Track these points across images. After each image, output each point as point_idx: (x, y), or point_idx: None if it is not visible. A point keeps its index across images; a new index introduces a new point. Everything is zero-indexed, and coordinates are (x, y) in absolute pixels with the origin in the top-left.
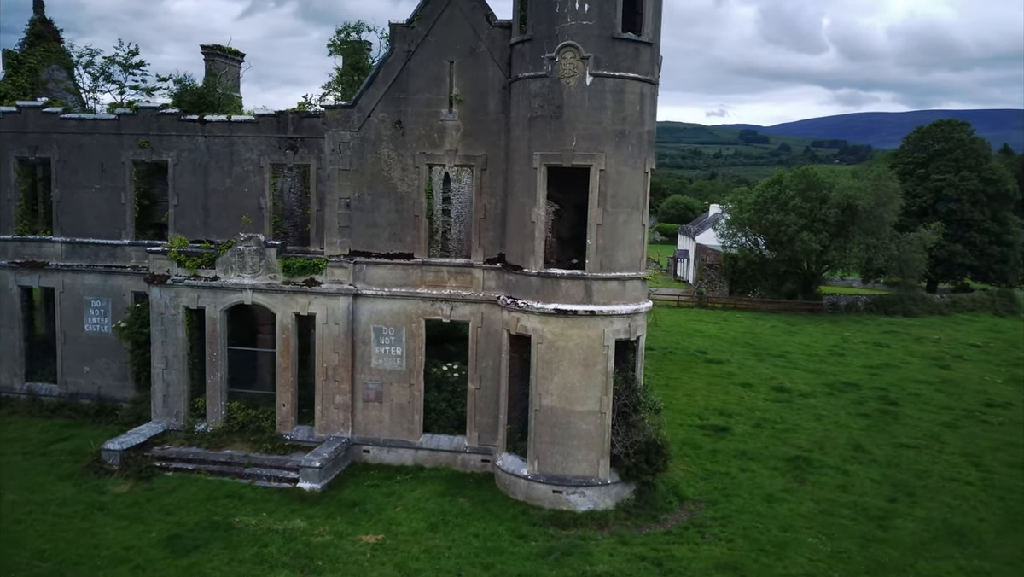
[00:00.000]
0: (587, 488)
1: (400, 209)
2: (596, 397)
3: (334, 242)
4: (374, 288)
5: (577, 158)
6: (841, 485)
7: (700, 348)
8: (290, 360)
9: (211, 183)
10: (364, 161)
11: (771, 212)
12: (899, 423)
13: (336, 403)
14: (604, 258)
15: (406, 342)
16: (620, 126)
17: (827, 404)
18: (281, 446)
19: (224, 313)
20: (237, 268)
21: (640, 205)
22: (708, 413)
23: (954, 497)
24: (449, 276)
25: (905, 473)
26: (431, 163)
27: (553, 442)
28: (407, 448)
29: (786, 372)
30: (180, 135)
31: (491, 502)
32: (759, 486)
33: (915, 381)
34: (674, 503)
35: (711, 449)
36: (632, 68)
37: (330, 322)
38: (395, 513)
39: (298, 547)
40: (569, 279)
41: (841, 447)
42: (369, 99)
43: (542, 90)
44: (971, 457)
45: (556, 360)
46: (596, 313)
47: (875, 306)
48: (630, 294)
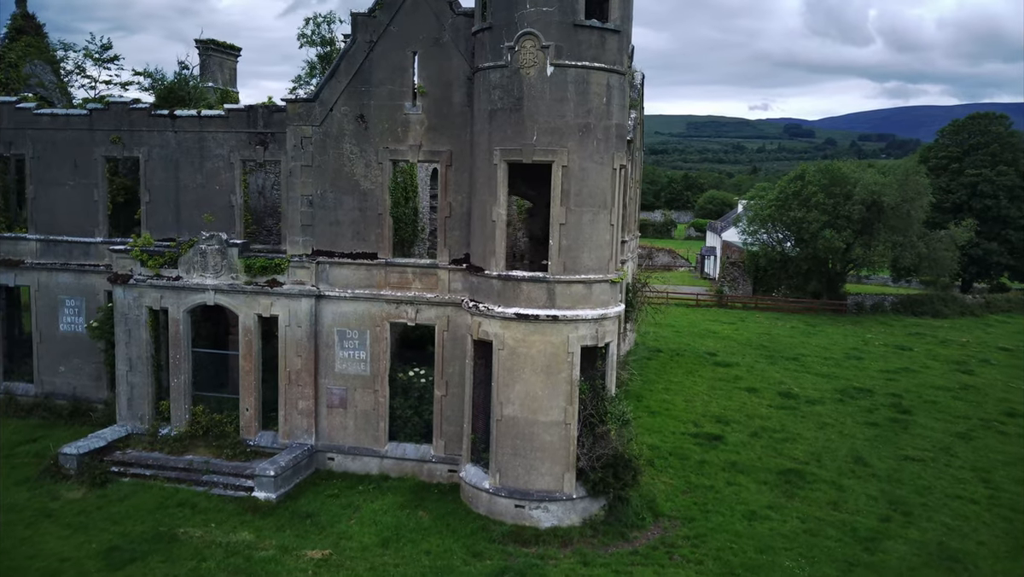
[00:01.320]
0: (551, 503)
1: (363, 207)
2: (560, 407)
3: (296, 241)
4: (337, 289)
5: (538, 153)
6: (833, 501)
7: (710, 350)
8: (253, 363)
9: (182, 179)
10: (326, 157)
11: (793, 208)
12: (908, 433)
13: (299, 408)
14: (568, 260)
15: (370, 346)
16: (584, 119)
17: (834, 412)
18: (243, 452)
19: (187, 314)
20: (199, 268)
21: (608, 203)
22: (704, 420)
23: (954, 517)
24: (414, 277)
25: (905, 489)
26: (394, 159)
27: (515, 454)
28: (372, 456)
29: (796, 376)
30: (151, 130)
31: (451, 516)
32: (743, 502)
33: (933, 387)
34: (647, 519)
35: (699, 460)
36: (597, 57)
37: (292, 324)
38: (348, 527)
39: (238, 562)
40: (531, 282)
41: (840, 459)
42: (331, 92)
43: (501, 81)
44: (981, 472)
45: (518, 367)
46: (559, 318)
47: (902, 306)
48: (597, 298)
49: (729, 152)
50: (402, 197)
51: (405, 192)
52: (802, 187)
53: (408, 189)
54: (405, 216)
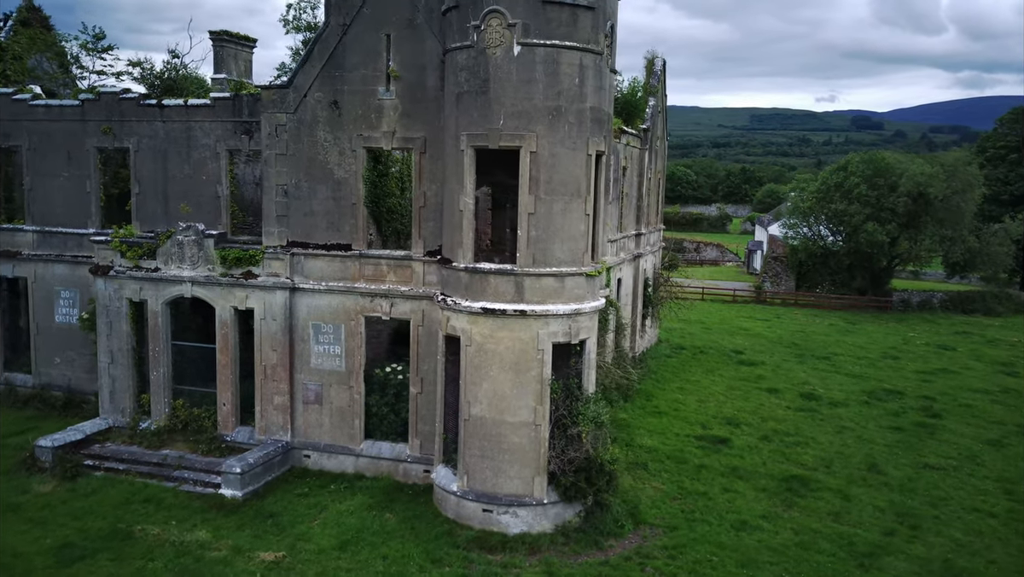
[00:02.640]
0: (520, 508)
1: (337, 196)
2: (529, 407)
3: (271, 232)
4: (311, 282)
5: (504, 138)
6: (835, 512)
7: (737, 347)
8: (229, 357)
9: (170, 170)
10: (301, 145)
11: (835, 201)
12: (934, 439)
13: (275, 404)
14: (538, 252)
15: (345, 341)
16: (554, 102)
17: (857, 415)
18: (218, 448)
19: (166, 306)
20: (177, 259)
21: (583, 192)
22: (714, 422)
23: (967, 532)
24: (388, 269)
25: (918, 500)
26: (368, 146)
27: (483, 456)
28: (348, 455)
29: (824, 377)
30: (140, 120)
31: (419, 519)
32: (735, 510)
33: (971, 390)
34: (627, 527)
35: (698, 464)
36: (568, 36)
37: (267, 317)
38: (309, 528)
39: (187, 562)
40: (498, 275)
41: (852, 466)
42: (305, 78)
43: (468, 63)
44: (1006, 483)
45: (485, 365)
46: (527, 313)
47: (952, 304)
48: (570, 292)
49: (794, 145)
50: (397, 187)
51: (401, 181)
52: (845, 178)
53: (404, 178)
54: (401, 207)
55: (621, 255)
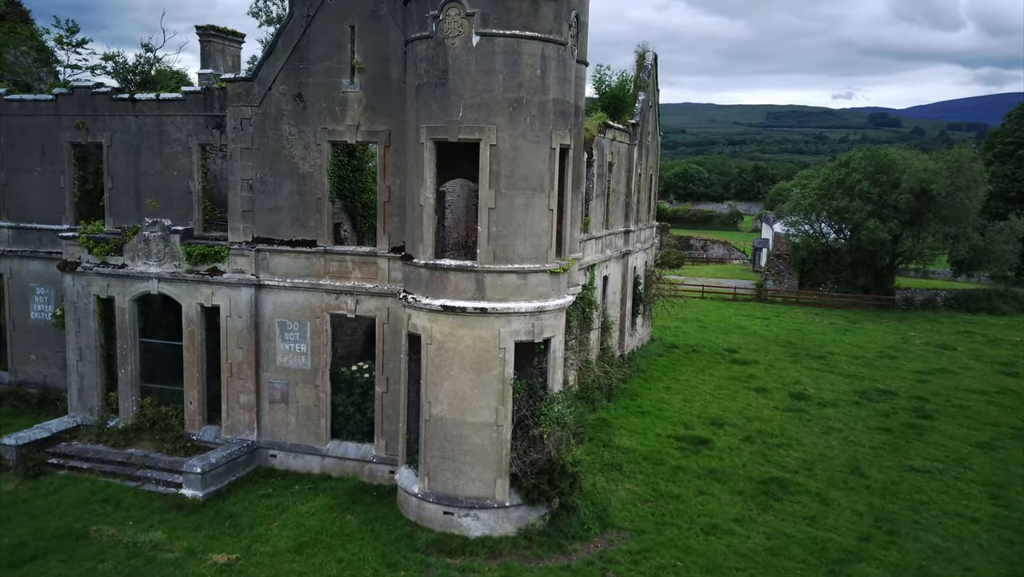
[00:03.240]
0: (481, 511)
1: (303, 191)
2: (491, 407)
3: (237, 228)
4: (277, 278)
5: (464, 131)
6: (811, 516)
7: (731, 346)
8: (196, 354)
9: (143, 165)
10: (266, 139)
11: (836, 197)
12: (923, 441)
13: (241, 403)
14: (499, 248)
15: (311, 338)
16: (515, 94)
17: (846, 415)
18: (184, 447)
19: (133, 303)
20: (144, 255)
21: (546, 187)
22: (697, 422)
23: (947, 537)
24: (353, 266)
25: (899, 504)
26: (332, 139)
27: (444, 457)
28: (314, 455)
29: (817, 376)
30: (113, 115)
31: (380, 521)
32: (708, 514)
33: (967, 390)
34: (593, 530)
35: (675, 466)
36: (529, 26)
37: (233, 315)
38: (267, 529)
39: (138, 564)
40: (458, 271)
41: (834, 469)
42: (269, 70)
43: (427, 53)
44: (992, 487)
45: (446, 364)
46: (488, 311)
47: (956, 302)
48: (533, 290)
49: (810, 143)
50: (372, 182)
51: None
52: (847, 175)
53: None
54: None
55: (607, 252)
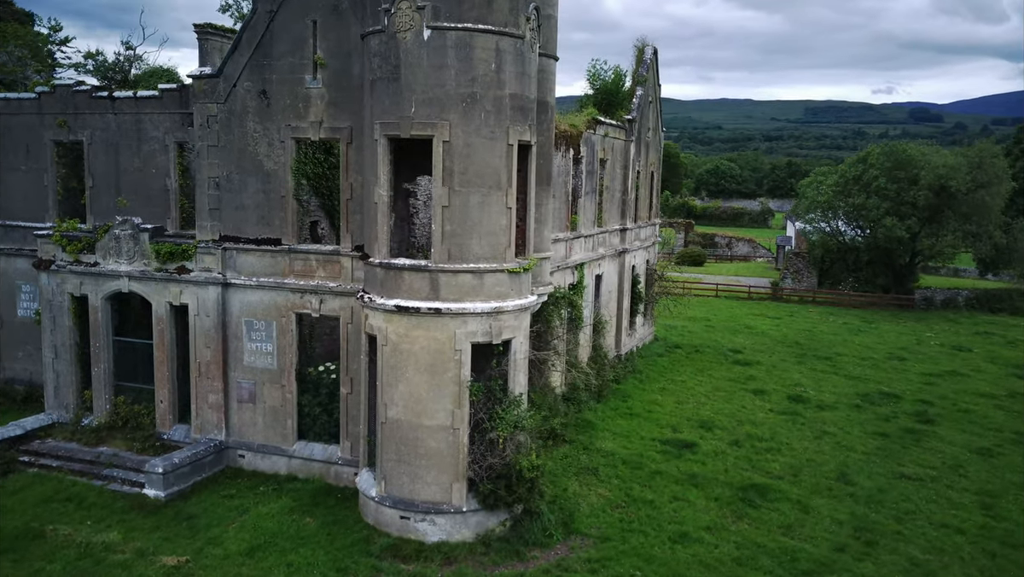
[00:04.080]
0: (438, 516)
1: (267, 189)
2: (447, 410)
3: (204, 226)
4: (243, 277)
5: (416, 127)
6: (788, 525)
7: (736, 347)
8: (166, 353)
9: (122, 163)
10: (232, 136)
11: (853, 194)
12: (920, 446)
13: (210, 402)
14: (453, 247)
15: (277, 338)
16: (469, 88)
17: (843, 419)
18: (153, 446)
19: (106, 301)
20: (115, 253)
21: (503, 184)
22: (686, 425)
23: (927, 549)
24: (317, 265)
25: (884, 513)
26: (296, 137)
27: (400, 460)
28: (281, 456)
29: (820, 378)
30: (93, 113)
31: (339, 525)
32: (679, 521)
33: (976, 394)
34: (556, 537)
35: (655, 470)
36: (482, 19)
37: (201, 314)
38: (224, 531)
39: (86, 565)
40: (412, 271)
41: (821, 475)
42: (234, 67)
43: (380, 48)
44: (985, 497)
45: (401, 365)
46: (443, 311)
47: (977, 302)
48: (490, 290)
49: (848, 138)
50: None
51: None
52: (864, 171)
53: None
54: None
55: (600, 251)
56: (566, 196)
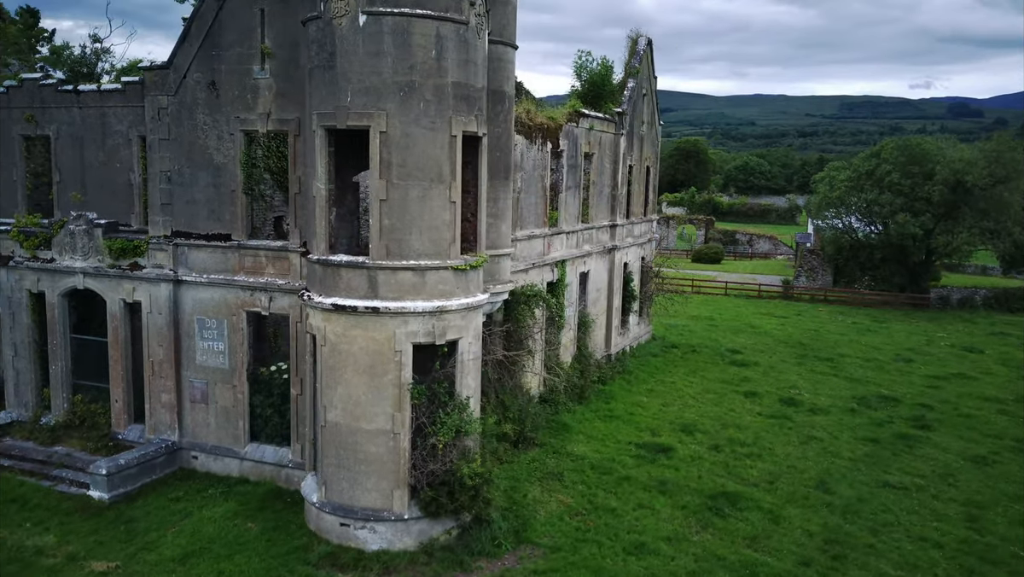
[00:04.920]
0: (378, 523)
1: (218, 183)
2: (387, 414)
3: (156, 221)
4: (194, 274)
5: (352, 117)
6: (754, 536)
7: (735, 347)
8: (120, 352)
9: (87, 158)
10: (182, 129)
11: (865, 190)
12: (911, 453)
13: (163, 402)
14: (392, 242)
15: (228, 337)
16: (407, 77)
17: (834, 423)
18: (106, 446)
19: (63, 298)
20: (70, 249)
21: (445, 177)
22: (666, 428)
23: (900, 565)
24: (267, 261)
25: (859, 524)
26: (245, 129)
27: (339, 465)
28: (233, 458)
29: (818, 380)
30: (59, 107)
31: (281, 530)
32: (639, 531)
33: (981, 398)
34: (505, 547)
35: (623, 476)
36: (420, 3)
37: (154, 311)
38: (161, 536)
39: (13, 569)
40: (350, 268)
41: (800, 482)
42: (184, 57)
43: (317, 35)
44: (972, 508)
45: (340, 366)
46: (381, 310)
47: (996, 302)
48: (433, 288)
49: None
50: None
51: None
52: (877, 165)
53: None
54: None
55: (586, 247)
56: (543, 191)
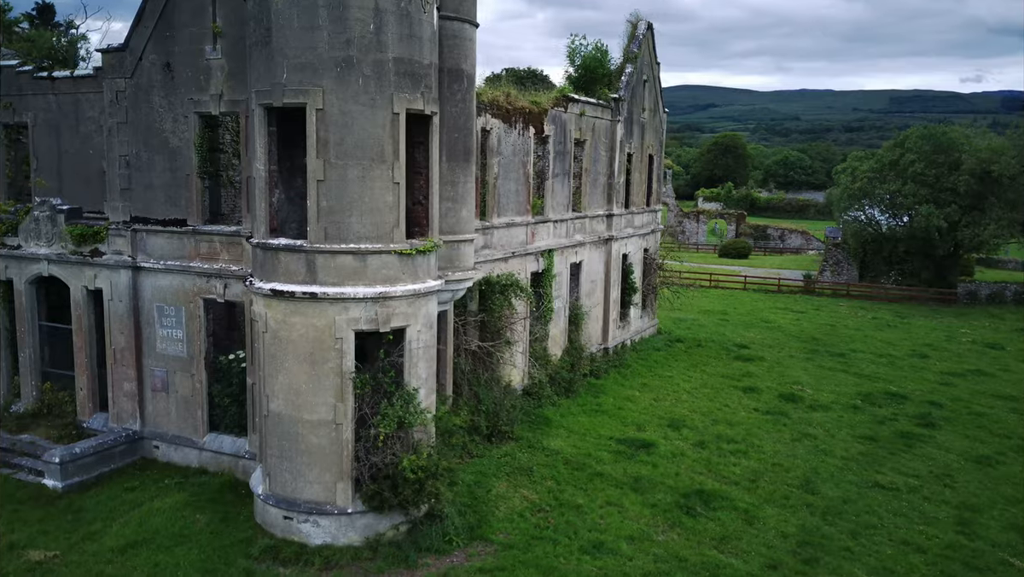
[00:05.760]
0: (321, 517)
1: (174, 168)
2: (328, 404)
3: (116, 207)
4: (152, 260)
5: (288, 95)
6: (724, 537)
7: (744, 342)
8: (84, 339)
9: (63, 145)
10: (139, 112)
11: (888, 180)
12: (910, 452)
13: (125, 390)
14: (331, 225)
15: (186, 324)
16: (343, 52)
17: (833, 421)
18: (70, 434)
19: (30, 285)
20: (35, 236)
21: (387, 157)
22: (653, 423)
23: (875, 571)
24: (221, 247)
25: (839, 526)
26: (198, 111)
27: (282, 456)
28: (192, 448)
29: (823, 376)
30: (35, 94)
31: (229, 522)
32: (601, 529)
33: (994, 396)
34: (456, 543)
35: (597, 472)
36: None
37: (115, 298)
38: (106, 525)
39: None
40: (288, 252)
41: (783, 481)
42: (139, 39)
43: (254, 10)
44: (965, 511)
45: (280, 354)
46: (319, 296)
47: None
48: (375, 273)
49: None
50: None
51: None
52: (901, 155)
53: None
54: None
55: (578, 237)
56: (526, 177)
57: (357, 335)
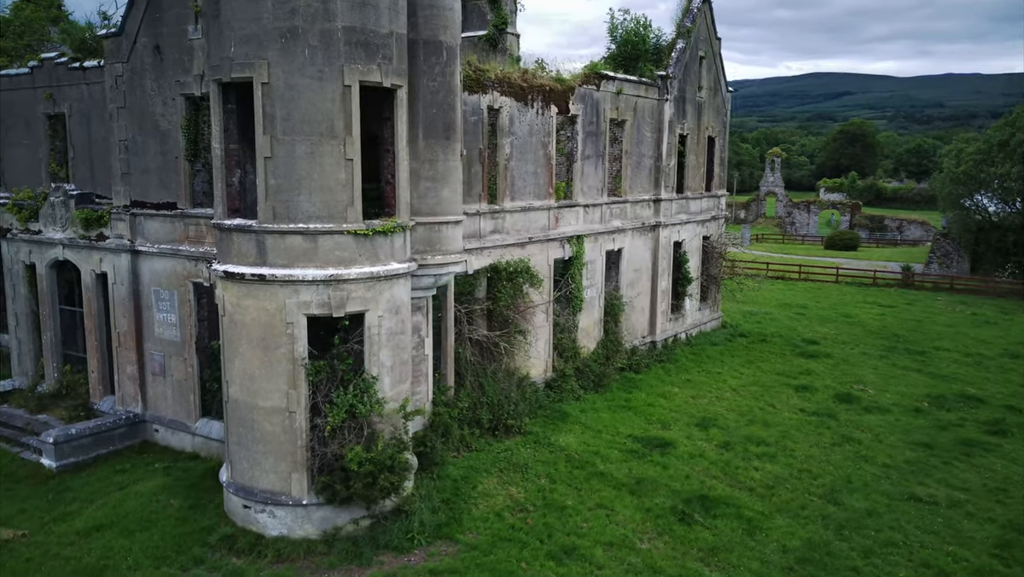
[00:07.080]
0: (277, 507)
1: (165, 151)
2: (281, 390)
3: (118, 191)
4: (149, 244)
5: (236, 69)
6: (714, 548)
7: (813, 337)
8: (94, 322)
9: (94, 133)
10: (135, 96)
11: (997, 164)
12: (968, 462)
13: (128, 374)
14: (279, 204)
15: (179, 308)
16: (288, 22)
17: (887, 424)
18: (80, 416)
19: (50, 269)
20: (51, 221)
21: (340, 132)
22: (681, 422)
23: None
24: (207, 230)
25: (854, 542)
26: (184, 93)
27: (240, 444)
28: (186, 432)
29: (895, 376)
30: (71, 84)
31: (199, 509)
32: (581, 534)
33: None
34: (418, 541)
35: (599, 471)
36: None
37: (118, 282)
38: (82, 507)
39: None
40: (239, 232)
41: (805, 489)
42: (133, 22)
43: None
44: (1012, 530)
45: (236, 339)
46: (268, 278)
47: None
48: (328, 255)
49: None
50: None
51: None
52: (1011, 135)
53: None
54: None
55: (616, 223)
56: (546, 159)
57: (314, 320)
